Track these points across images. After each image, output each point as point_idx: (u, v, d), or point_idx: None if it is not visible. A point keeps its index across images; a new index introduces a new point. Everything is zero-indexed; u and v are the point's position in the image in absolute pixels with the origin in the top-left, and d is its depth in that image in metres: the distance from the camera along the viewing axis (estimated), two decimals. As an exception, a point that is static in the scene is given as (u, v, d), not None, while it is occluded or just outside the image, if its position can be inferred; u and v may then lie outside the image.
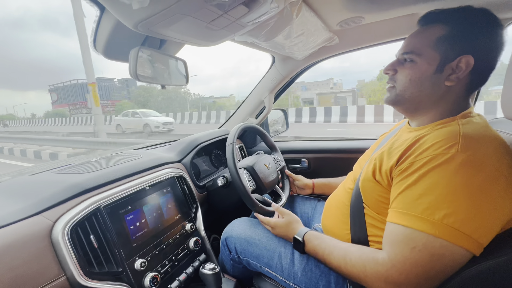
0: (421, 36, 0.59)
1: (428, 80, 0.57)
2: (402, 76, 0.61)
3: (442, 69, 0.56)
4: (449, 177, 0.46)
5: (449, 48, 0.55)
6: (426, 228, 0.46)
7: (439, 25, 0.57)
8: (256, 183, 1.00)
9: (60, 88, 71.88)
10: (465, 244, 0.44)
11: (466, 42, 0.54)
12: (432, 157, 0.48)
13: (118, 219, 0.66)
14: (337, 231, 0.71)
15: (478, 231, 0.44)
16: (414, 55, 0.58)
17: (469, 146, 0.47)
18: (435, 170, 0.47)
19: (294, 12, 0.68)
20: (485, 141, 0.49)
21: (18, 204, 0.59)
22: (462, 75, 0.55)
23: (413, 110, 0.63)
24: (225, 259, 0.90)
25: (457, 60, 0.54)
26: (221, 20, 0.51)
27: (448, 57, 0.55)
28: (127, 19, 0.46)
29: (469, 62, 0.54)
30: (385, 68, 0.64)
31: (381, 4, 0.78)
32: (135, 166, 0.82)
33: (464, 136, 0.49)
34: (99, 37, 0.56)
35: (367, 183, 0.63)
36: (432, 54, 0.56)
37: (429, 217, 0.46)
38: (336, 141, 1.41)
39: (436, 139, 0.50)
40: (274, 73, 1.29)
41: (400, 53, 0.63)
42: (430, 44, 0.57)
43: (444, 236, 0.44)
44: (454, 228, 0.44)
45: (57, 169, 0.78)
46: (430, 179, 0.47)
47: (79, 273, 0.55)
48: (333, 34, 0.98)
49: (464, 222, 0.44)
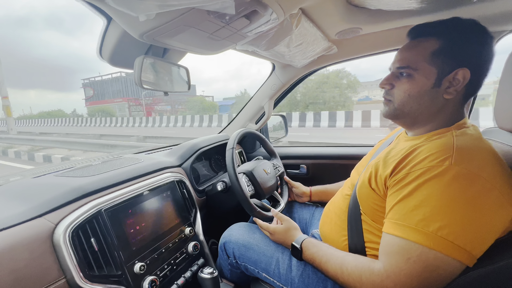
0: (415, 51, 0.59)
1: (427, 94, 0.58)
2: (400, 91, 0.61)
3: (440, 83, 0.56)
4: (443, 189, 0.46)
5: (445, 62, 0.55)
6: (421, 239, 0.46)
7: (432, 39, 0.57)
8: (255, 188, 1.01)
9: (96, 82, 59.80)
10: (459, 256, 0.44)
11: (460, 54, 0.55)
12: (426, 169, 0.49)
13: (119, 222, 0.67)
14: (335, 237, 0.72)
15: (471, 243, 0.44)
16: (411, 70, 0.58)
17: (462, 159, 0.48)
18: (430, 182, 0.48)
19: (294, 23, 0.70)
20: (478, 153, 0.49)
21: (21, 206, 0.60)
22: (460, 87, 0.56)
23: (412, 123, 0.63)
24: (223, 263, 0.90)
25: (454, 73, 0.55)
26: (223, 31, 0.53)
27: (445, 70, 0.56)
28: (133, 30, 0.48)
29: (465, 74, 0.54)
30: (381, 82, 0.64)
31: (378, 16, 0.80)
32: (136, 170, 0.83)
33: (458, 148, 0.49)
34: (105, 45, 0.58)
35: (363, 190, 0.64)
36: (429, 68, 0.57)
37: (424, 229, 0.46)
38: (335, 148, 1.43)
39: (430, 151, 0.51)
40: (274, 80, 1.32)
41: (395, 67, 0.62)
42: (425, 58, 0.57)
43: (438, 248, 0.45)
44: (448, 240, 0.44)
45: (59, 172, 0.79)
46: (425, 190, 0.48)
47: (79, 275, 0.56)
48: (332, 44, 1.00)
49: (457, 234, 0.44)
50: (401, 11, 0.78)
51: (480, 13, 0.80)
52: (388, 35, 0.98)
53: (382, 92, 0.66)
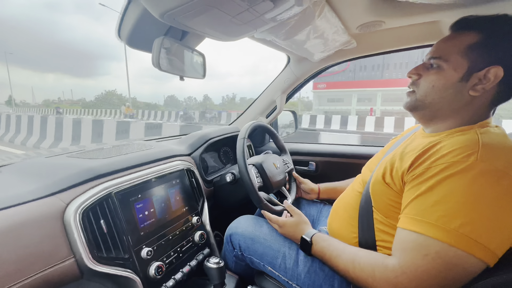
0: (451, 42, 0.57)
1: (452, 88, 0.56)
2: (425, 82, 0.60)
3: (468, 78, 0.54)
4: (467, 185, 0.45)
5: (479, 57, 0.53)
6: (441, 236, 0.45)
7: (472, 32, 0.55)
8: (263, 180, 0.99)
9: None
10: (481, 255, 0.43)
11: (498, 52, 0.52)
12: (449, 164, 0.47)
13: (128, 206, 0.66)
14: (344, 233, 0.71)
15: (494, 241, 0.43)
16: (442, 61, 0.57)
17: (488, 155, 0.46)
18: (453, 177, 0.46)
19: (317, 11, 0.68)
20: (504, 151, 0.48)
21: (34, 183, 0.60)
22: (489, 86, 0.53)
23: (431, 117, 0.61)
24: (228, 255, 0.90)
25: (486, 70, 0.52)
26: (245, 15, 0.51)
27: (477, 65, 0.53)
28: (155, 8, 0.47)
29: (498, 73, 0.52)
30: (409, 71, 0.63)
31: (404, 9, 0.77)
32: (146, 156, 0.83)
33: (484, 145, 0.48)
34: (124, 25, 0.57)
35: (377, 186, 0.62)
36: (460, 61, 0.55)
37: (445, 225, 0.45)
38: (344, 146, 1.40)
39: (453, 146, 0.49)
40: (288, 74, 1.29)
41: (427, 57, 0.61)
42: (459, 50, 0.55)
43: (459, 245, 0.43)
44: (471, 237, 0.43)
45: (71, 153, 0.80)
46: (447, 186, 0.47)
47: (87, 256, 0.56)
48: (351, 38, 0.97)
49: (481, 232, 0.43)
50: (428, 5, 0.74)
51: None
52: (410, 31, 0.94)
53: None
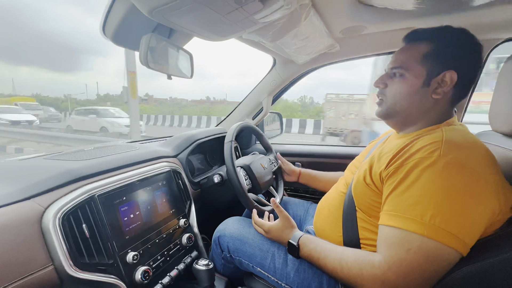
0: (409, 52, 0.63)
1: (416, 93, 0.61)
2: (391, 90, 0.65)
3: (429, 83, 0.60)
4: (434, 179, 0.48)
5: (434, 64, 0.59)
6: (418, 229, 0.47)
7: (424, 42, 0.61)
8: (252, 182, 0.99)
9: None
10: (455, 245, 0.46)
11: (449, 58, 0.59)
12: (418, 160, 0.51)
13: (112, 209, 0.64)
14: (329, 233, 0.72)
15: (463, 230, 0.46)
16: (403, 70, 0.62)
17: (450, 150, 0.50)
18: (422, 172, 0.50)
19: (303, 14, 0.70)
20: (465, 146, 0.52)
21: (7, 187, 0.56)
22: (448, 89, 0.59)
23: (403, 123, 0.66)
24: (216, 257, 0.88)
25: (442, 75, 0.58)
26: (235, 14, 0.52)
27: (434, 71, 0.59)
28: (143, 5, 0.46)
29: (452, 76, 0.58)
30: (375, 81, 0.68)
31: (383, 15, 0.82)
32: (131, 158, 0.80)
33: (446, 141, 0.52)
34: (110, 21, 0.55)
35: (359, 187, 0.65)
36: (419, 69, 0.60)
37: (419, 218, 0.48)
38: (329, 147, 1.47)
39: (422, 144, 0.54)
40: (274, 76, 1.31)
41: (389, 67, 0.66)
42: (417, 59, 0.61)
43: (435, 237, 0.46)
44: (441, 227, 0.46)
45: (48, 156, 0.75)
46: (418, 181, 0.50)
47: (68, 263, 0.53)
48: (335, 41, 1.01)
49: (449, 221, 0.46)
50: (405, 12, 0.80)
51: (477, 20, 0.83)
52: (389, 37, 0.99)
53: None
